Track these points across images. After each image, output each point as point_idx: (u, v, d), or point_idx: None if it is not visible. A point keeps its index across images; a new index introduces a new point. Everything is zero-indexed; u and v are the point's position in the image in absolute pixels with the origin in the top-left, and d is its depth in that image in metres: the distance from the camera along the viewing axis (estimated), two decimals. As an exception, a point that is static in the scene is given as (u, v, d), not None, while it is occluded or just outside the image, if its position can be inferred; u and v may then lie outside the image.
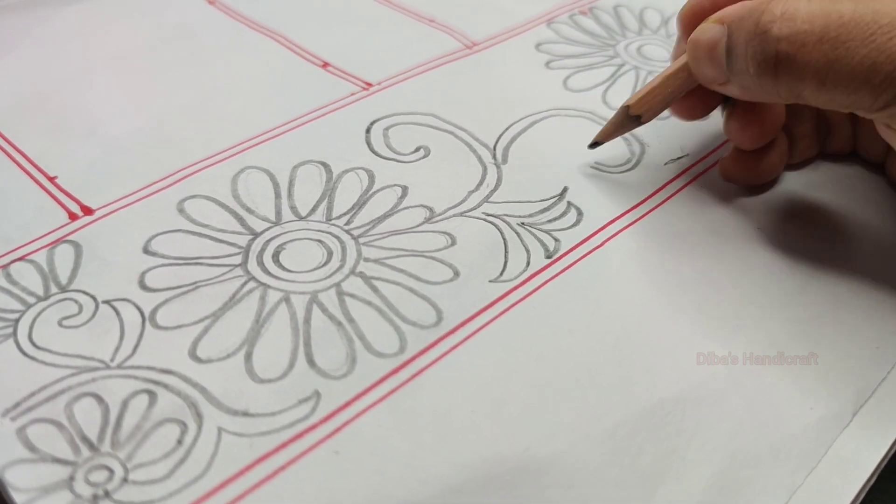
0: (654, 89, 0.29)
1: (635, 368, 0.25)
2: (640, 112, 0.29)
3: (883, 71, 0.22)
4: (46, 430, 0.22)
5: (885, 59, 0.22)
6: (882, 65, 0.22)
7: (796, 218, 0.30)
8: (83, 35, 0.39)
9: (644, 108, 0.29)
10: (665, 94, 0.29)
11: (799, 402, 0.24)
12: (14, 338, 0.25)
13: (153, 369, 0.24)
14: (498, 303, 0.26)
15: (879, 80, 0.22)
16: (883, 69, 0.22)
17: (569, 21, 0.41)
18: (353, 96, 0.35)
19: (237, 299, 0.26)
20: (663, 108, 0.29)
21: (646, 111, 0.29)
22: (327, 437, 0.22)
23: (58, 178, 0.31)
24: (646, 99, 0.29)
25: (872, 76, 0.22)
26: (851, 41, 0.22)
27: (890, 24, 0.22)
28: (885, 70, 0.22)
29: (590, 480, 0.22)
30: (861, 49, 0.22)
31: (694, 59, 0.27)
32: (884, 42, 0.22)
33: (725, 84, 0.26)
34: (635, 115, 0.30)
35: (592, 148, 0.31)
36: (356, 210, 0.29)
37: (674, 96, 0.29)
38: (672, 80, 0.29)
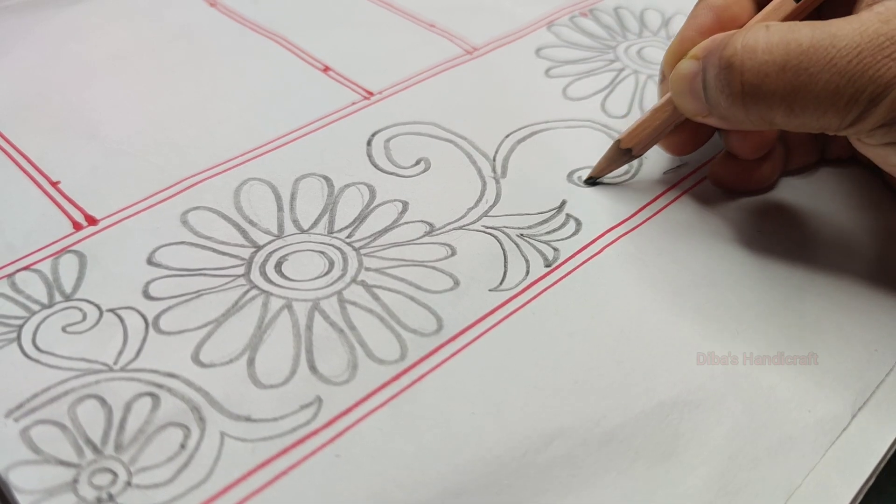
0: (642, 122, 0.30)
1: (634, 372, 0.25)
2: (630, 145, 0.30)
3: (846, 93, 0.23)
4: (50, 432, 0.23)
5: (847, 82, 0.23)
6: (844, 87, 0.23)
7: (795, 222, 0.30)
8: (83, 36, 0.39)
9: (634, 141, 0.30)
10: (654, 127, 0.30)
11: (797, 405, 0.24)
12: (18, 342, 0.25)
13: (156, 372, 0.24)
14: (497, 311, 0.26)
15: (844, 102, 0.23)
16: (846, 92, 0.23)
17: (569, 23, 0.41)
18: (355, 105, 0.35)
19: (240, 306, 0.26)
20: (653, 140, 0.30)
21: (636, 144, 0.30)
22: (329, 442, 0.23)
23: (61, 183, 0.31)
24: (635, 132, 0.30)
25: (837, 99, 0.23)
26: (812, 67, 0.23)
27: (847, 46, 0.23)
28: (847, 93, 0.23)
29: (588, 484, 0.22)
30: (823, 74, 0.23)
31: (677, 94, 0.28)
32: (843, 66, 0.23)
33: (707, 116, 0.27)
34: (626, 149, 0.30)
35: (589, 184, 0.31)
36: (357, 224, 0.29)
37: (662, 129, 0.30)
38: (659, 114, 0.29)
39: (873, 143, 0.25)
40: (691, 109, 0.27)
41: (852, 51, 0.23)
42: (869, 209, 0.31)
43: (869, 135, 0.24)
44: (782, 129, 0.25)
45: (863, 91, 0.23)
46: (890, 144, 0.24)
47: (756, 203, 0.31)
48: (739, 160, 0.30)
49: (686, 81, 0.27)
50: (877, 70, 0.23)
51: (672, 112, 0.29)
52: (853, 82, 0.23)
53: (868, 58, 0.23)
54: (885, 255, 0.29)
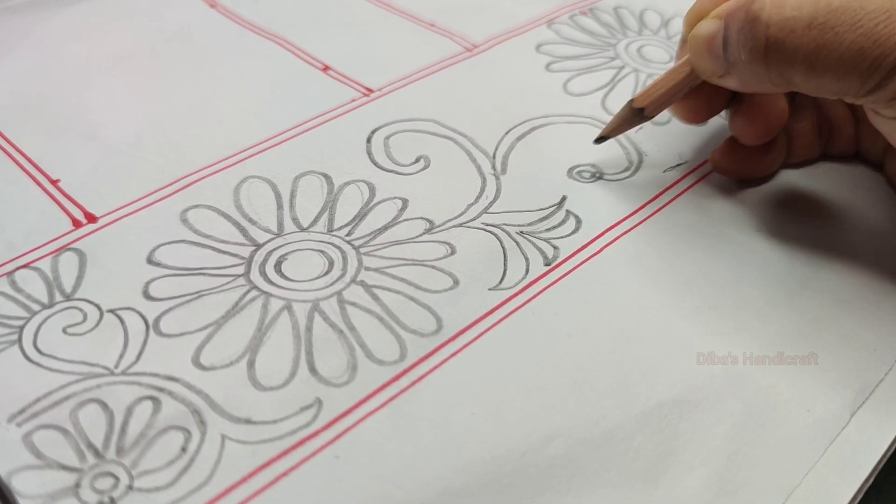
0: (657, 83, 0.30)
1: (633, 371, 0.25)
2: (643, 104, 0.30)
3: (870, 56, 0.23)
4: (52, 437, 0.23)
5: (873, 44, 0.23)
6: (869, 49, 0.23)
7: (795, 220, 0.30)
8: (83, 36, 0.39)
9: (647, 100, 0.30)
10: (668, 88, 0.29)
11: (796, 405, 0.24)
12: (19, 344, 0.25)
13: (157, 376, 0.24)
14: (497, 310, 0.26)
15: (867, 64, 0.23)
16: (870, 54, 0.23)
17: (569, 22, 0.41)
18: (354, 102, 0.35)
19: (240, 307, 0.26)
20: (666, 102, 0.30)
21: (649, 104, 0.30)
22: (329, 444, 0.23)
23: (60, 181, 0.31)
24: (649, 92, 0.30)
25: (860, 61, 0.23)
26: (839, 27, 0.23)
27: (877, 9, 0.23)
28: (872, 55, 0.23)
29: (587, 484, 0.22)
30: (849, 34, 0.23)
31: (695, 53, 0.28)
32: (871, 27, 0.23)
33: (724, 76, 0.27)
34: (639, 109, 0.30)
35: (598, 143, 0.31)
36: (357, 221, 0.29)
37: (676, 91, 0.29)
38: (675, 75, 0.29)
39: (890, 114, 0.25)
40: (708, 69, 0.27)
41: (881, 14, 0.23)
42: (870, 208, 0.31)
43: (887, 105, 0.24)
44: (801, 90, 0.25)
45: (887, 56, 0.23)
46: None
47: (756, 202, 0.31)
48: (743, 147, 0.30)
49: (705, 41, 0.27)
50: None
51: (688, 74, 0.29)
52: (878, 45, 0.23)
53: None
54: (885, 255, 0.29)
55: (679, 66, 0.29)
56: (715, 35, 0.26)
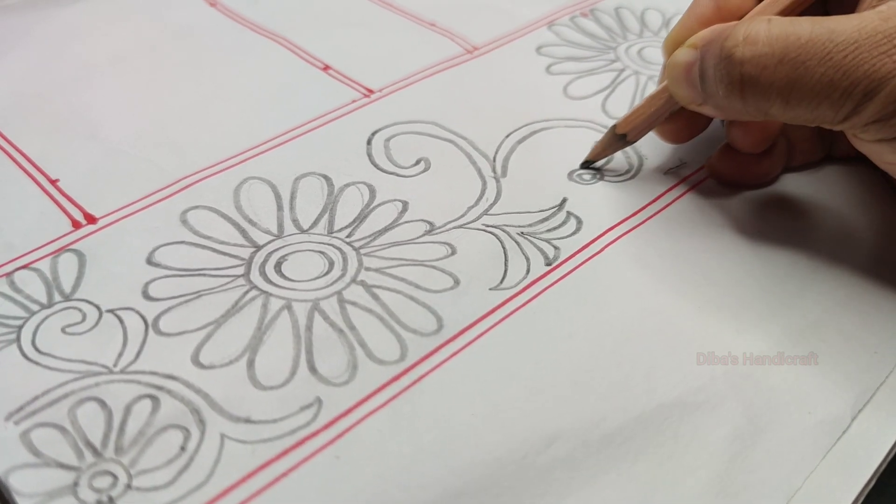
0: (638, 109, 0.30)
1: (634, 373, 0.25)
2: (625, 131, 0.31)
3: (840, 87, 0.24)
4: (50, 435, 0.22)
5: (842, 76, 0.23)
6: (839, 81, 0.23)
7: (796, 222, 0.30)
8: (83, 35, 0.39)
9: (629, 127, 0.31)
10: (649, 114, 0.30)
11: (798, 407, 0.24)
12: (17, 343, 0.25)
13: (156, 374, 0.24)
14: (498, 310, 0.26)
15: (838, 95, 0.24)
16: (840, 85, 0.24)
17: (570, 23, 0.41)
18: (355, 103, 0.35)
19: (239, 307, 0.26)
20: (648, 127, 0.31)
21: (631, 130, 0.31)
22: (329, 444, 0.23)
23: (60, 181, 0.31)
24: (631, 118, 0.31)
25: (831, 92, 0.24)
26: (809, 60, 0.24)
27: (845, 41, 0.23)
28: (842, 86, 0.24)
29: (587, 486, 0.22)
30: (819, 68, 0.24)
31: (672, 82, 0.28)
32: (840, 60, 0.23)
33: (702, 105, 0.28)
34: (622, 135, 0.31)
35: (584, 167, 0.32)
36: (357, 223, 0.29)
37: (657, 116, 0.30)
38: (655, 101, 0.30)
39: (868, 138, 0.25)
40: (686, 97, 0.28)
41: (849, 46, 0.23)
42: (872, 209, 0.31)
43: (863, 130, 0.25)
44: (778, 120, 0.26)
45: (857, 85, 0.23)
46: (884, 141, 0.25)
47: (757, 202, 0.31)
48: (740, 153, 0.31)
49: (682, 70, 0.27)
50: (872, 65, 0.23)
51: (667, 99, 0.29)
52: (848, 76, 0.23)
53: (864, 53, 0.23)
54: (886, 256, 0.29)
55: (658, 93, 0.30)
56: (692, 65, 0.27)
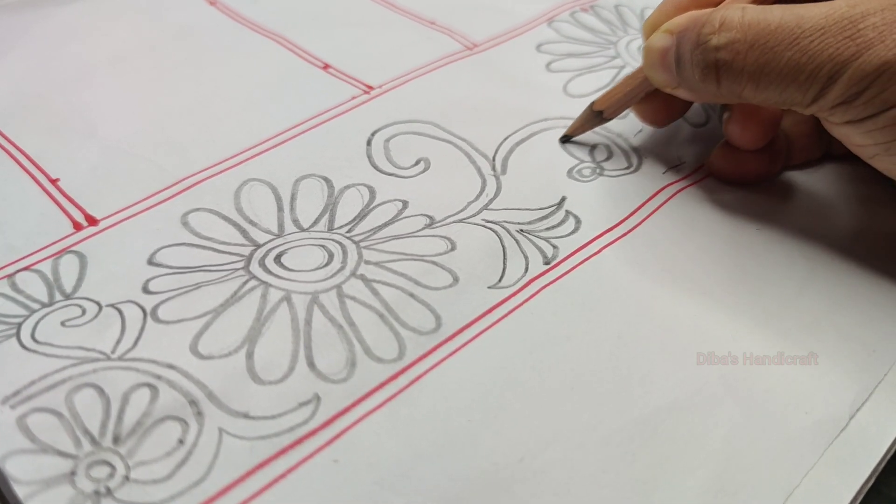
0: (615, 87, 0.32)
1: (632, 375, 0.25)
2: (602, 107, 0.32)
3: (806, 70, 0.25)
4: (47, 420, 0.22)
5: (808, 60, 0.25)
6: (805, 64, 0.25)
7: (794, 221, 0.30)
8: (83, 35, 0.39)
9: (606, 104, 0.32)
10: (625, 93, 0.31)
11: (795, 407, 0.24)
12: (16, 337, 0.25)
13: (154, 363, 0.24)
14: (496, 309, 0.26)
15: (804, 78, 0.25)
16: (806, 68, 0.25)
17: (570, 19, 0.41)
18: (355, 100, 0.35)
19: (238, 296, 0.26)
20: (624, 105, 0.32)
21: (608, 107, 0.32)
22: (327, 444, 0.23)
23: (60, 181, 0.31)
24: (608, 96, 0.32)
25: (797, 75, 0.25)
26: (778, 46, 0.25)
27: (812, 27, 0.25)
28: (808, 69, 0.25)
29: (585, 488, 0.22)
30: (786, 52, 0.25)
31: (648, 65, 0.29)
32: (806, 45, 0.25)
33: (677, 88, 0.29)
34: (598, 111, 0.32)
35: (563, 142, 0.33)
36: (357, 221, 0.29)
37: (633, 95, 0.31)
38: (631, 80, 0.31)
39: (836, 121, 0.26)
40: (661, 81, 0.29)
41: (816, 32, 0.25)
42: (870, 208, 0.30)
43: (831, 112, 0.26)
44: (751, 101, 0.27)
45: (821, 68, 0.25)
46: (850, 123, 0.26)
47: (755, 202, 0.31)
48: (738, 151, 0.31)
49: (658, 54, 0.29)
50: (836, 49, 0.24)
51: (644, 79, 0.30)
52: (813, 59, 0.25)
53: (830, 38, 0.24)
54: (885, 256, 0.29)
55: (636, 73, 0.31)
56: (667, 50, 0.28)
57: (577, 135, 0.33)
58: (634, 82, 0.31)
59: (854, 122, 0.26)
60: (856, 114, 0.25)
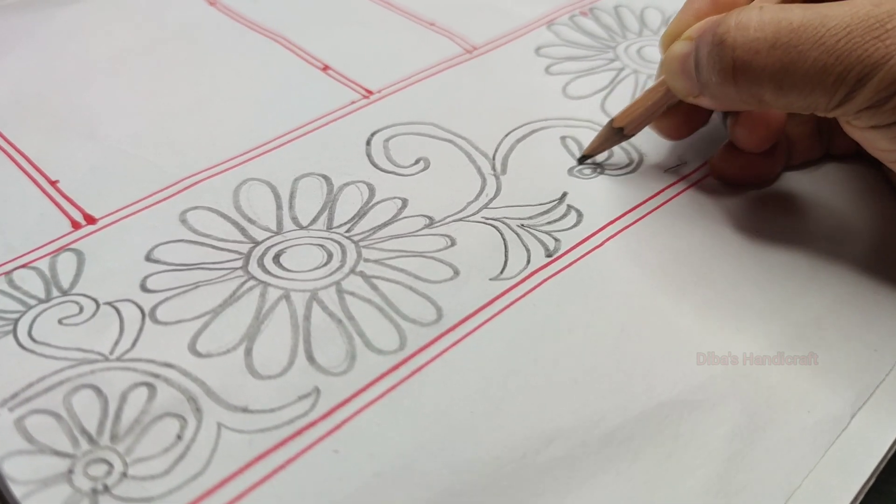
0: (635, 103, 0.31)
1: (633, 372, 0.25)
2: (623, 124, 0.31)
3: (834, 72, 0.24)
4: (45, 422, 0.22)
5: (835, 61, 0.23)
6: (833, 66, 0.23)
7: (796, 219, 0.30)
8: (83, 35, 0.39)
9: (626, 120, 0.31)
10: (646, 107, 0.30)
11: (797, 406, 0.24)
12: (13, 334, 0.25)
13: (153, 362, 0.24)
14: (498, 300, 0.26)
15: (831, 80, 0.24)
16: (834, 70, 0.23)
17: (569, 22, 0.41)
18: (354, 104, 0.35)
19: (237, 296, 0.26)
20: (645, 121, 0.31)
21: (628, 123, 0.31)
22: (327, 435, 0.22)
23: (59, 182, 0.31)
24: (628, 112, 0.31)
25: (825, 77, 0.24)
26: (802, 45, 0.24)
27: (837, 25, 0.23)
28: (835, 71, 0.23)
29: (586, 485, 0.22)
30: (812, 52, 0.24)
31: (669, 74, 0.28)
32: (833, 44, 0.23)
33: (699, 96, 0.28)
34: (619, 128, 0.31)
35: (582, 162, 0.32)
36: (356, 220, 0.29)
37: (654, 109, 0.30)
38: (652, 94, 0.30)
39: (861, 125, 0.25)
40: (683, 89, 0.28)
41: (842, 31, 0.23)
42: (870, 207, 0.31)
43: (856, 116, 0.25)
44: (772, 107, 0.26)
45: (850, 70, 0.23)
46: (877, 128, 0.25)
47: (758, 200, 0.31)
48: (742, 153, 0.31)
49: (678, 61, 0.28)
50: (865, 50, 0.23)
51: (665, 93, 0.30)
52: (841, 61, 0.23)
53: (857, 38, 0.23)
54: (885, 255, 0.29)
55: (656, 86, 0.30)
56: (687, 56, 0.27)
57: (598, 153, 0.32)
58: (655, 96, 0.30)
59: (879, 128, 0.25)
60: (882, 119, 0.24)
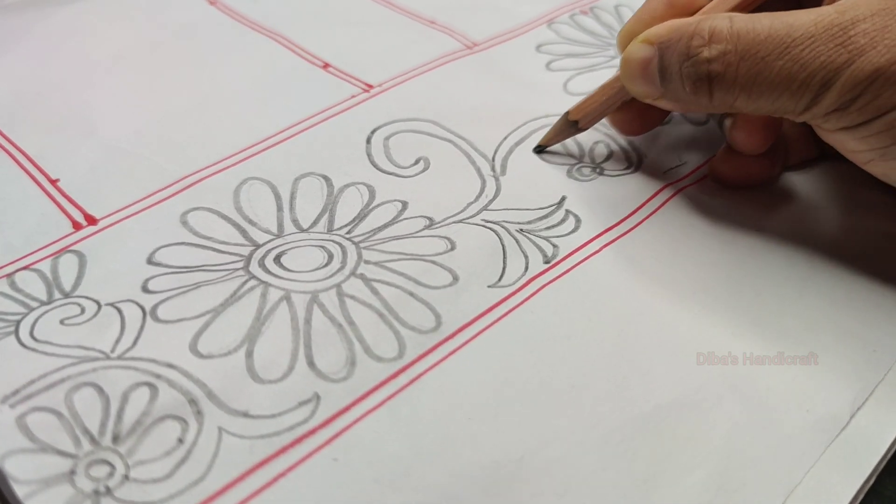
0: (591, 96, 0.31)
1: (632, 374, 0.25)
2: (577, 117, 0.31)
3: (798, 78, 0.25)
4: (46, 420, 0.22)
5: (800, 69, 0.24)
6: (797, 73, 0.25)
7: (794, 220, 0.30)
8: (83, 34, 0.39)
9: (581, 113, 0.31)
10: (600, 102, 0.31)
11: (796, 405, 0.24)
12: (15, 334, 0.25)
13: (154, 362, 0.24)
14: (496, 308, 0.26)
15: (796, 86, 0.25)
16: (798, 77, 0.25)
17: (569, 21, 0.41)
18: (354, 98, 0.35)
19: (238, 296, 0.26)
20: (600, 115, 0.31)
21: (582, 117, 0.31)
22: (326, 443, 0.23)
23: (60, 181, 0.31)
24: (583, 106, 0.31)
25: (790, 84, 0.25)
26: (769, 56, 0.25)
27: (802, 35, 0.24)
28: (800, 77, 0.25)
29: (585, 487, 0.22)
30: (777, 62, 0.25)
31: (627, 77, 0.29)
32: (797, 53, 0.24)
33: (659, 99, 0.28)
34: (574, 121, 0.31)
35: (538, 152, 0.32)
36: (357, 222, 0.29)
37: (609, 105, 0.31)
38: (606, 90, 0.30)
39: (830, 128, 0.26)
40: (641, 92, 0.29)
41: (806, 40, 0.24)
42: (869, 207, 0.30)
43: (825, 119, 0.25)
44: (743, 111, 0.27)
45: (814, 76, 0.24)
46: (845, 129, 0.25)
47: (755, 202, 0.31)
48: (741, 155, 0.31)
49: (638, 66, 0.28)
50: (828, 56, 0.24)
51: (620, 89, 0.30)
52: (805, 68, 0.24)
53: (821, 46, 0.24)
54: (885, 255, 0.29)
55: (611, 82, 0.30)
56: (648, 61, 0.27)
57: (552, 144, 0.32)
58: (610, 91, 0.30)
59: (848, 129, 0.25)
60: (850, 120, 0.25)
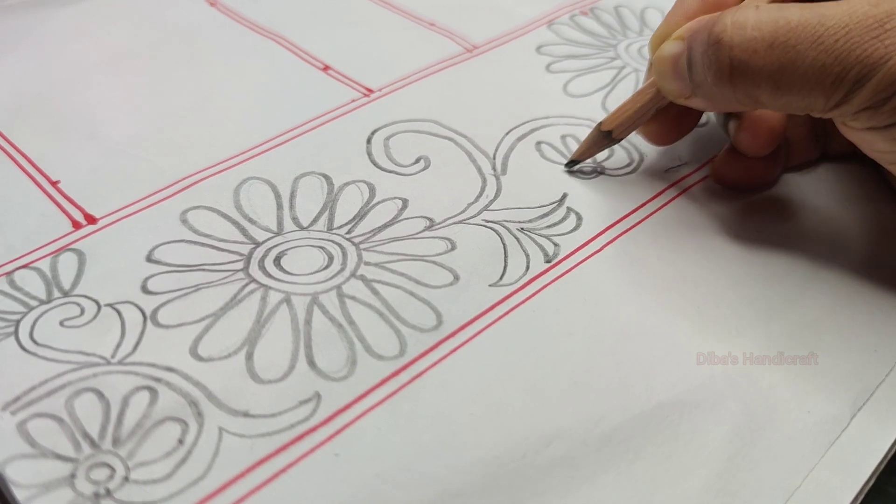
0: (624, 105, 0.30)
1: (633, 372, 0.25)
2: (611, 128, 0.30)
3: (832, 72, 0.23)
4: (47, 426, 0.22)
5: (834, 61, 0.23)
6: (831, 66, 0.23)
7: (795, 220, 0.30)
8: (83, 36, 0.39)
9: (615, 123, 0.30)
10: (635, 110, 0.30)
11: (797, 406, 0.24)
12: (15, 336, 0.25)
13: (154, 366, 0.24)
14: (497, 307, 0.26)
15: (830, 81, 0.23)
16: (832, 70, 0.23)
17: (569, 22, 0.41)
18: (354, 103, 0.35)
19: (238, 300, 0.26)
20: (634, 124, 0.30)
21: (616, 127, 0.30)
22: (328, 440, 0.23)
23: (60, 182, 0.31)
24: (616, 115, 0.30)
25: (823, 77, 0.23)
26: (800, 45, 0.23)
27: (836, 24, 0.23)
28: (834, 71, 0.23)
29: (587, 486, 0.22)
30: (810, 52, 0.23)
31: (660, 75, 0.28)
32: (831, 44, 0.23)
33: (691, 97, 0.27)
34: (607, 132, 0.30)
35: (569, 167, 0.32)
36: (357, 221, 0.29)
37: (644, 112, 0.30)
38: (641, 97, 0.30)
39: (858, 126, 0.25)
40: (674, 90, 0.28)
41: (840, 30, 0.23)
42: (870, 207, 0.31)
43: (854, 117, 0.24)
44: (767, 108, 0.26)
45: (849, 70, 0.23)
46: (874, 129, 0.24)
47: (757, 201, 0.31)
48: (744, 157, 0.30)
49: (669, 62, 0.27)
50: (864, 50, 0.23)
51: (654, 95, 0.29)
52: (840, 61, 0.23)
53: (856, 38, 0.23)
54: (885, 255, 0.29)
55: (645, 88, 0.29)
56: (679, 56, 0.27)
57: (585, 158, 0.31)
58: (644, 99, 0.29)
59: (877, 129, 0.24)
60: (881, 120, 0.24)
